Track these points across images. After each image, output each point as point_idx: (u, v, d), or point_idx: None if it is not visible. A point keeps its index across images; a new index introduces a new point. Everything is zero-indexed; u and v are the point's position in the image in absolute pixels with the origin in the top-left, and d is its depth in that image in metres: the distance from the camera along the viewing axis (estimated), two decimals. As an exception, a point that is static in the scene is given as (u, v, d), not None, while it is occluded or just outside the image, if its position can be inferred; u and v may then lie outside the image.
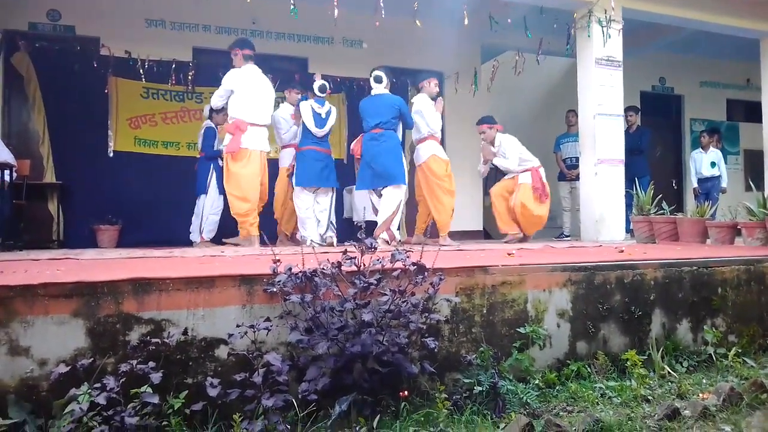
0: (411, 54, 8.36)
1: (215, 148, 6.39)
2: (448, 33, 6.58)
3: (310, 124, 5.94)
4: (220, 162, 6.24)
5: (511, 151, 6.68)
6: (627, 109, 7.19)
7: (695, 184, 9.01)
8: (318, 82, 6.08)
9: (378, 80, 5.95)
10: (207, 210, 6.39)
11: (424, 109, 6.10)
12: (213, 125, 6.49)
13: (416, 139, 6.26)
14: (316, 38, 8.12)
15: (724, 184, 8.93)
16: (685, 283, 3.52)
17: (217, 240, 6.40)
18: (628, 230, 6.96)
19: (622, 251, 4.26)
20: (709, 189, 8.85)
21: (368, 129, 5.88)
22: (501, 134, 6.82)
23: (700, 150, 9.05)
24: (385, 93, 5.98)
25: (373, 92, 6.01)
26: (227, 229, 6.45)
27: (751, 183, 5.82)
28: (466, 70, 8.51)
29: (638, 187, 6.24)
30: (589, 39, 6.86)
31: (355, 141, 6.18)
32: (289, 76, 7.65)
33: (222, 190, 6.30)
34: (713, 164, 8.90)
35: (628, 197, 6.81)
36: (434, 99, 6.21)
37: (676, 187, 9.20)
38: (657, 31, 8.57)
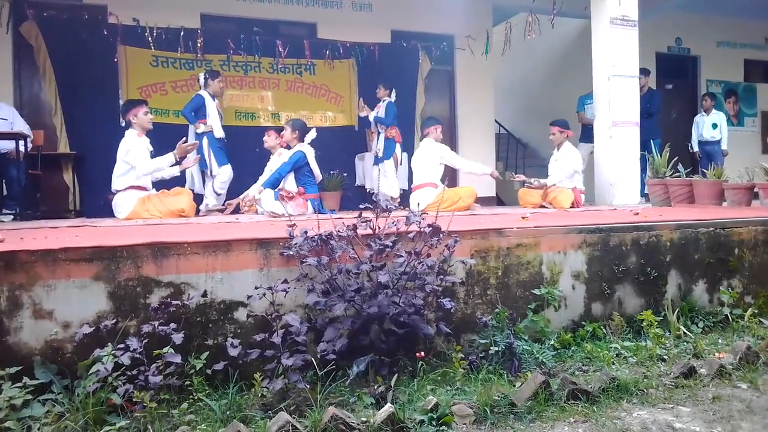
0: (421, 17, 8.22)
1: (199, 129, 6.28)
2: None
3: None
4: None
5: (568, 164, 6.50)
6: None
7: (696, 148, 8.93)
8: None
9: None
10: (217, 184, 6.35)
11: (447, 153, 6.48)
12: (202, 94, 6.36)
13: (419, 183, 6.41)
14: (325, 2, 7.99)
15: (724, 147, 8.80)
16: (702, 244, 3.49)
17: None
18: (643, 194, 6.90)
19: (637, 214, 4.23)
20: (709, 152, 8.75)
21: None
22: (568, 142, 6.71)
23: (703, 113, 8.96)
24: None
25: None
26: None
27: (769, 144, 5.71)
28: (477, 33, 8.36)
29: (654, 149, 6.15)
30: (604, -2, 6.69)
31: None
32: (297, 41, 7.56)
33: (223, 162, 6.31)
34: (714, 126, 8.79)
35: (642, 160, 6.72)
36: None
37: (691, 150, 9.04)
38: (674, -11, 8.34)
